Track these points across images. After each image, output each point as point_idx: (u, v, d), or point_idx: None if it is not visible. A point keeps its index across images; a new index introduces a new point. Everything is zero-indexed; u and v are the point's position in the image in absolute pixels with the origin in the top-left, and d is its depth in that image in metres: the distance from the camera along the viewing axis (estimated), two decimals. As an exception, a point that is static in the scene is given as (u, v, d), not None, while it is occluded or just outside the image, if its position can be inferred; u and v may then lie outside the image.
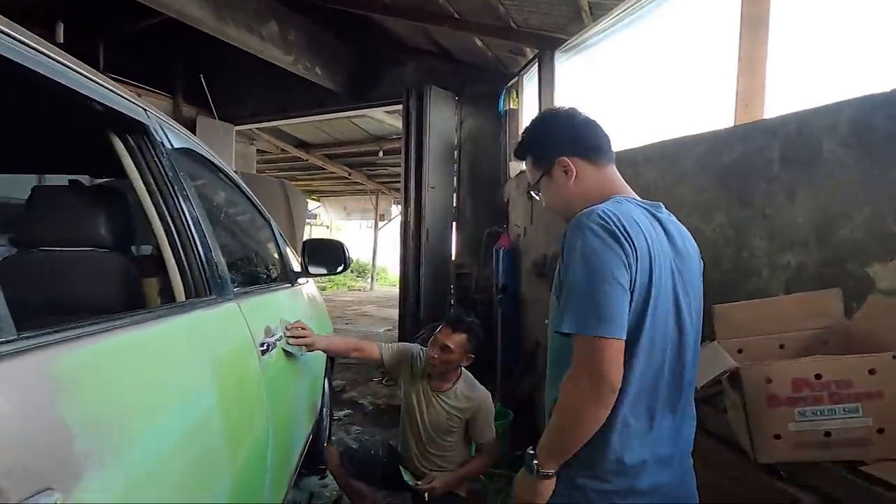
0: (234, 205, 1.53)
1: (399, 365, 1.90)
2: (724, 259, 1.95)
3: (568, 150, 1.03)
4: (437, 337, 1.80)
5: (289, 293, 1.83)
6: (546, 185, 1.06)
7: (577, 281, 0.85)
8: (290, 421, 1.49)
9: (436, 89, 5.20)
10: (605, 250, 0.85)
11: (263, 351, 1.26)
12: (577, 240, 0.87)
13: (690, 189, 2.13)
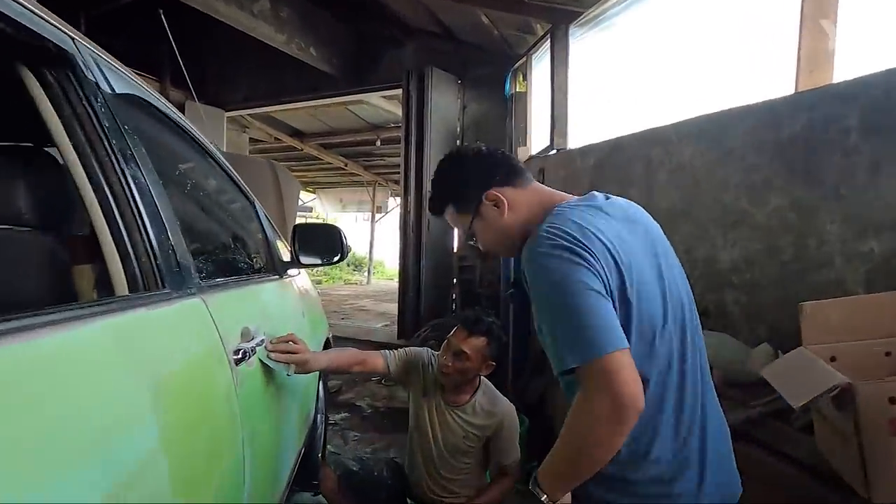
0: (204, 176, 1.24)
1: (408, 375, 1.63)
2: (782, 248, 1.69)
3: (491, 183, 0.96)
4: (451, 341, 1.53)
5: (276, 286, 1.56)
6: (481, 228, 0.99)
7: (555, 311, 0.79)
8: (274, 443, 1.23)
9: (437, 71, 4.91)
10: (567, 266, 0.79)
11: (239, 360, 0.98)
12: (536, 271, 0.81)
13: (737, 168, 1.86)
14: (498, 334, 1.53)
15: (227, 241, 1.31)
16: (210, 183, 1.28)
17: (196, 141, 1.19)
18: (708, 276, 2.00)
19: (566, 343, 0.75)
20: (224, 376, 0.92)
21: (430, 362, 1.62)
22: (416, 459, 1.63)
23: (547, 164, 3.57)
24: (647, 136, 2.41)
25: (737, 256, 1.85)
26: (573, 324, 0.75)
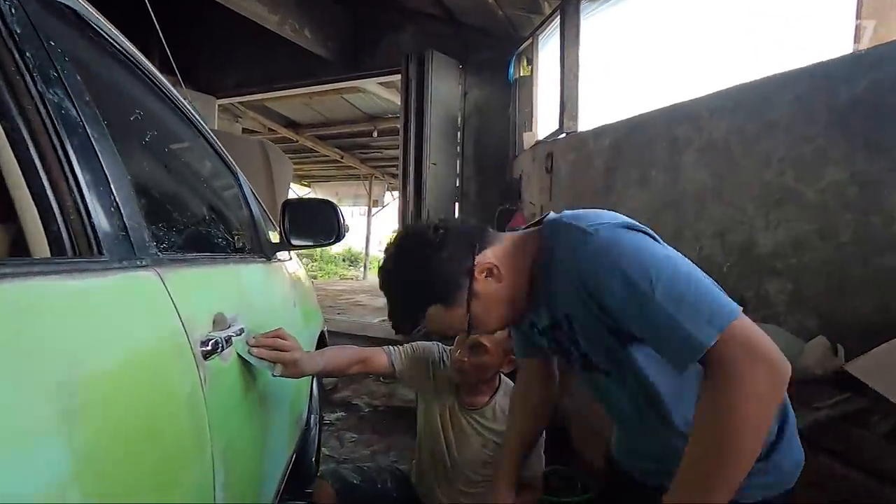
0: (170, 130, 1.02)
1: (416, 374, 1.41)
2: (838, 227, 1.49)
3: (474, 256, 0.82)
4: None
5: (262, 270, 1.35)
6: (482, 309, 0.83)
7: (667, 290, 0.66)
8: (256, 455, 1.02)
9: (438, 55, 4.69)
10: (645, 240, 0.74)
11: (208, 352, 0.78)
12: (611, 253, 0.71)
13: (782, 141, 1.66)
14: None
15: (199, 210, 1.10)
16: (179, 139, 1.07)
17: (160, 88, 0.97)
18: (745, 263, 1.81)
19: (697, 316, 0.64)
20: (185, 373, 0.71)
21: (441, 359, 1.41)
22: (426, 470, 1.42)
23: (555, 148, 3.37)
24: (672, 112, 2.21)
25: (781, 239, 1.66)
26: (695, 293, 0.66)
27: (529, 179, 3.87)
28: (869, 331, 1.39)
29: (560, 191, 3.29)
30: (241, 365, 0.98)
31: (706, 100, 2.00)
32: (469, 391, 1.36)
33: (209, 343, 0.79)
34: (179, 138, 1.05)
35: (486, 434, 1.34)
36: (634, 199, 2.44)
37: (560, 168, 3.28)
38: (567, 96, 3.29)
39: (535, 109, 4.07)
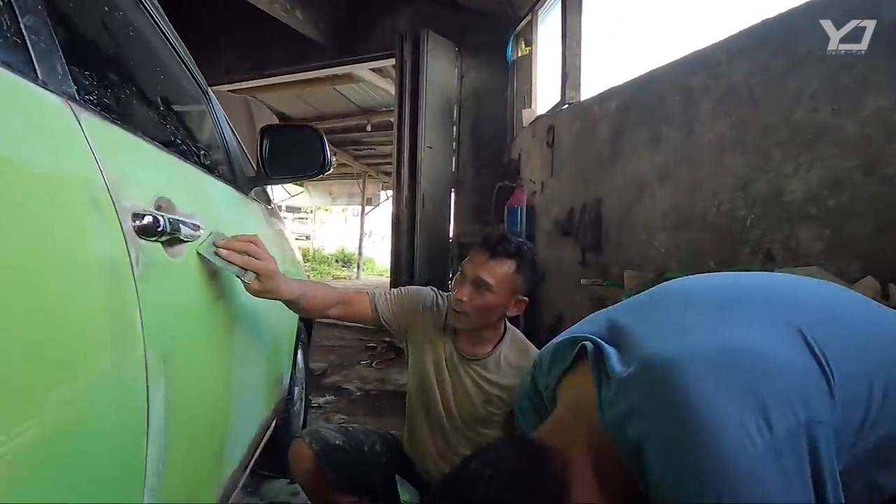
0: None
1: (405, 320, 1.22)
2: (885, 159, 1.34)
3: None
4: (466, 269, 1.12)
5: (234, 194, 1.16)
6: None
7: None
8: (217, 388, 0.83)
9: (434, 35, 4.55)
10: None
11: (143, 229, 0.60)
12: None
13: (816, 74, 1.51)
14: (531, 258, 1.12)
15: (151, 96, 0.92)
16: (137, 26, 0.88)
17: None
18: (771, 213, 1.65)
19: None
20: (104, 239, 0.53)
21: (435, 304, 1.23)
22: (420, 430, 1.23)
23: (557, 120, 3.22)
24: (687, 62, 2.06)
25: (816, 181, 1.50)
26: None
27: (529, 157, 3.72)
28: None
29: (562, 164, 3.14)
30: (202, 272, 0.80)
31: (724, 43, 1.86)
32: (469, 338, 1.18)
33: (144, 217, 0.61)
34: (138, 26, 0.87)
35: (488, 388, 1.16)
36: (644, 161, 2.29)
37: (562, 141, 3.13)
38: (569, 65, 3.15)
39: (534, 86, 3.93)
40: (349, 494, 1.18)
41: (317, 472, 1.15)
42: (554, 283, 3.20)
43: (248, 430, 1.11)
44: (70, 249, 0.48)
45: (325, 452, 1.16)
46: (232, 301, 0.95)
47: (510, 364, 1.17)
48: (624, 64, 3.00)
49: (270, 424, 1.48)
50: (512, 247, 1.10)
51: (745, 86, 1.76)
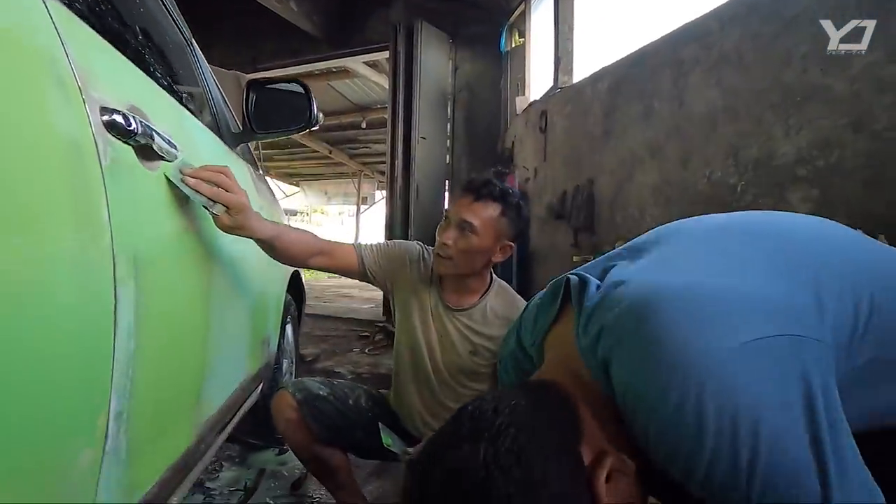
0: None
1: (391, 273, 1.20)
2: (874, 114, 1.33)
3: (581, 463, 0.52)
4: (451, 213, 1.10)
5: (219, 144, 1.15)
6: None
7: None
8: (193, 316, 0.81)
9: (427, 26, 4.55)
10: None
11: (113, 125, 0.58)
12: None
13: (806, 35, 1.52)
14: (516, 203, 1.10)
15: (130, 22, 0.90)
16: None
17: None
18: (762, 178, 1.65)
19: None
20: (69, 123, 0.51)
21: (421, 257, 1.21)
22: (407, 384, 1.21)
23: (549, 105, 3.22)
24: (678, 34, 2.06)
25: (806, 143, 1.50)
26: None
27: (522, 144, 3.72)
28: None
29: (554, 149, 3.13)
30: (182, 195, 0.79)
31: (716, 12, 1.86)
32: (455, 289, 1.16)
33: (114, 114, 0.59)
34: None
35: (474, 339, 1.14)
36: (636, 136, 2.28)
37: (555, 125, 3.13)
38: (562, 50, 3.16)
39: (528, 74, 3.93)
40: (332, 447, 1.16)
41: (300, 422, 1.13)
42: (546, 267, 3.19)
43: (228, 377, 1.09)
44: (27, 116, 0.46)
45: (308, 402, 1.14)
46: (214, 235, 0.93)
47: (497, 315, 1.15)
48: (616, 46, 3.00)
49: (256, 388, 1.45)
50: (497, 190, 1.09)
51: (735, 53, 1.76)
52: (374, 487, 1.56)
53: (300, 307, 2.23)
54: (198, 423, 0.89)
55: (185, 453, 0.82)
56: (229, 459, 1.73)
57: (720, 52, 1.83)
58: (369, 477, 1.63)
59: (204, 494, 1.49)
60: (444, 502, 0.48)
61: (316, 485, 1.55)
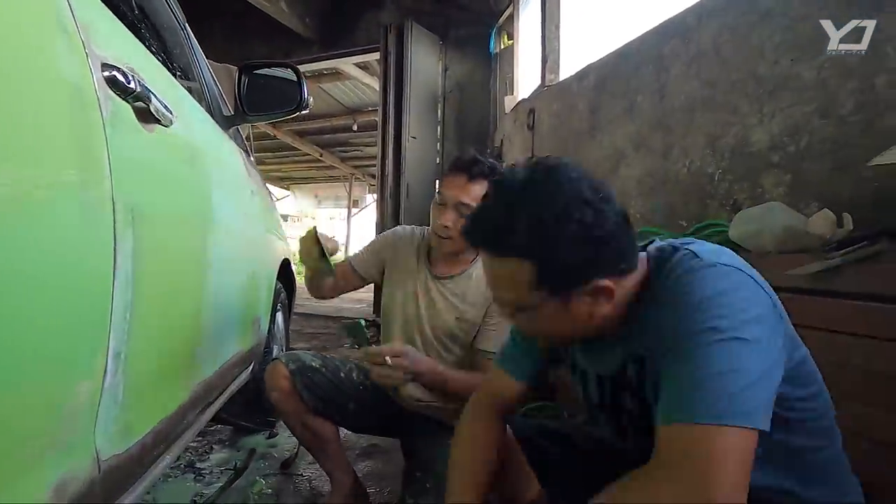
0: None
1: (381, 263, 1.29)
2: (839, 100, 1.40)
3: (607, 272, 0.61)
4: (446, 195, 1.14)
5: (212, 124, 1.18)
6: (543, 317, 0.64)
7: (723, 348, 0.54)
8: (189, 278, 0.85)
9: (417, 27, 4.61)
10: (758, 302, 0.59)
11: (113, 81, 0.62)
12: (716, 288, 0.58)
13: (778, 27, 1.58)
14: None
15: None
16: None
17: None
18: (738, 165, 1.71)
19: (715, 394, 0.52)
20: (72, 68, 0.55)
21: (407, 233, 1.27)
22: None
23: (537, 103, 3.28)
24: (660, 30, 2.13)
25: (777, 130, 1.56)
26: (739, 380, 0.53)
27: (511, 142, 3.77)
28: (878, 198, 1.30)
29: (542, 145, 3.19)
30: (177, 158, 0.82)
31: (695, 7, 1.93)
32: (445, 260, 1.21)
33: (115, 70, 0.63)
34: None
35: (459, 305, 1.18)
36: (620, 131, 2.35)
37: (542, 122, 3.19)
38: (549, 49, 3.22)
39: (516, 74, 4.00)
40: (323, 418, 1.19)
41: (292, 392, 1.16)
42: (535, 261, 3.24)
43: (221, 346, 1.12)
44: (33, 54, 0.49)
45: (301, 372, 1.17)
46: (210, 206, 0.97)
47: (481, 282, 1.19)
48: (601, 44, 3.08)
49: (248, 367, 1.48)
50: (486, 167, 1.14)
51: (713, 46, 1.83)
52: (364, 466, 1.59)
53: (291, 297, 2.26)
54: (192, 384, 0.92)
55: (179, 409, 0.85)
56: (220, 442, 1.75)
57: (698, 46, 1.89)
58: (360, 457, 1.66)
59: (195, 474, 1.50)
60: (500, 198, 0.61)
61: (306, 463, 1.58)
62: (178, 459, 1.58)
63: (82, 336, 0.57)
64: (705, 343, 0.53)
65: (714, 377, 0.51)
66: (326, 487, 1.34)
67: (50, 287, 0.50)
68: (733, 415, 0.50)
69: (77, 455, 0.56)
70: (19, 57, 0.47)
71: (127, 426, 0.68)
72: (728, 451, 0.49)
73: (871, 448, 0.87)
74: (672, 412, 0.53)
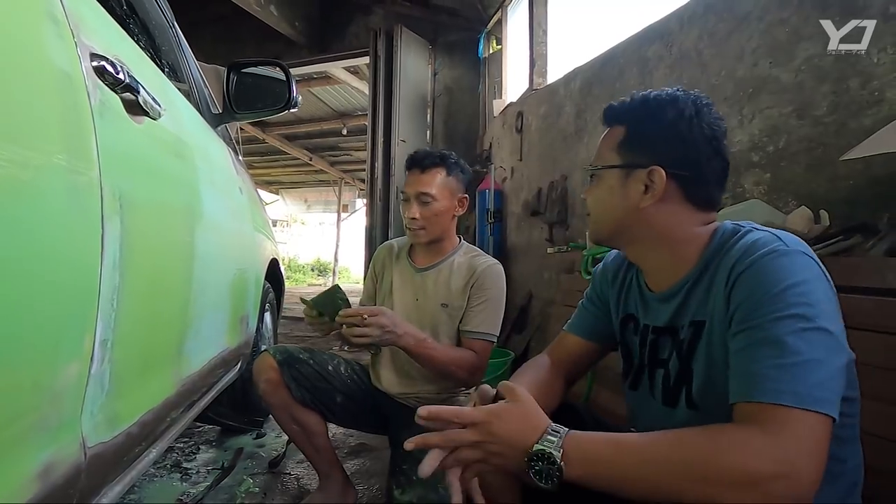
0: None
1: (376, 282, 1.34)
2: (815, 101, 1.44)
3: (672, 165, 0.67)
4: (408, 190, 1.20)
5: (199, 120, 1.19)
6: (599, 192, 0.73)
7: (802, 336, 0.55)
8: (175, 268, 0.85)
9: (407, 32, 4.65)
10: (831, 298, 0.60)
11: (102, 72, 0.63)
12: (793, 275, 0.58)
13: (755, 31, 1.63)
14: (455, 161, 1.22)
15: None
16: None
17: None
18: (720, 165, 1.75)
19: (797, 379, 0.53)
20: (61, 56, 0.56)
21: (392, 245, 1.35)
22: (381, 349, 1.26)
23: (525, 106, 3.32)
24: (643, 34, 2.18)
25: (757, 130, 1.61)
26: (819, 369, 0.54)
27: (500, 145, 3.81)
28: (852, 195, 1.34)
29: (530, 148, 3.23)
30: (166, 151, 0.83)
31: (677, 13, 1.98)
32: (425, 252, 1.25)
33: (104, 61, 0.64)
34: None
35: (443, 291, 1.21)
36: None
37: (530, 125, 3.23)
38: (536, 53, 3.27)
39: (505, 78, 4.04)
40: (310, 410, 1.20)
41: (279, 383, 1.17)
42: (524, 263, 3.27)
43: (209, 342, 1.12)
44: (23, 38, 0.50)
45: (288, 363, 1.18)
46: (198, 200, 0.97)
47: (462, 267, 1.23)
48: (588, 48, 3.13)
49: (236, 365, 1.48)
50: (436, 157, 1.21)
51: (694, 50, 1.87)
52: (353, 464, 1.59)
53: (279, 297, 2.25)
54: (179, 377, 0.92)
55: (165, 402, 0.85)
56: (207, 443, 1.74)
57: (680, 50, 1.94)
58: (349, 455, 1.66)
59: (181, 473, 1.49)
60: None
61: (294, 462, 1.58)
62: (165, 459, 1.56)
63: (69, 318, 0.57)
64: (793, 329, 0.54)
65: (802, 364, 0.53)
66: (314, 485, 1.34)
67: (37, 268, 0.51)
68: (816, 401, 0.51)
69: (63, 439, 0.56)
70: (7, 43, 0.48)
71: (113, 415, 0.68)
72: (811, 434, 0.50)
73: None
74: (756, 391, 0.54)
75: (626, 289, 0.80)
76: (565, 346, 0.87)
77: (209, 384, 1.19)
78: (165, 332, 0.86)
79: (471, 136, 4.83)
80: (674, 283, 0.69)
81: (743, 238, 0.63)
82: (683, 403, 0.68)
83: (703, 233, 0.68)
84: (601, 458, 0.55)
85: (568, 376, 0.86)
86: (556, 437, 0.56)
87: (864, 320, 0.93)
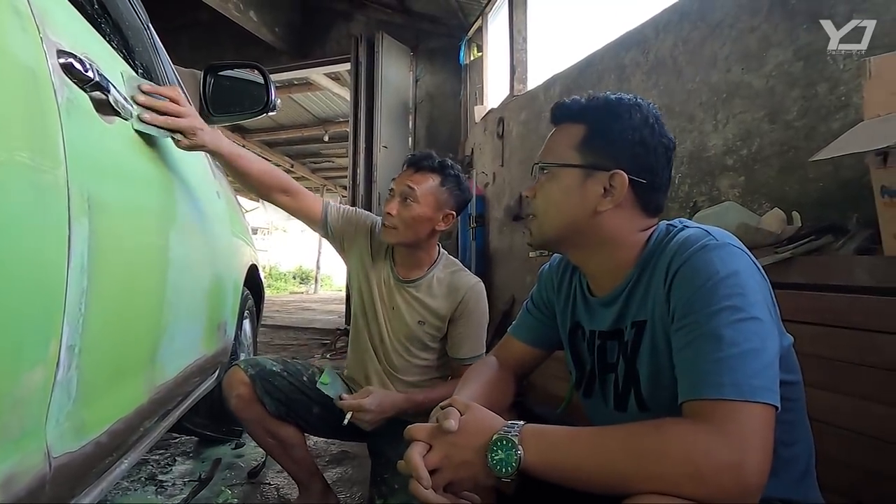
0: None
1: (347, 234, 1.24)
2: (786, 106, 1.49)
3: (632, 170, 0.67)
4: (394, 185, 1.15)
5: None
6: (553, 190, 0.70)
7: (737, 328, 0.57)
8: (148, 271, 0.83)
9: (388, 38, 4.66)
10: (763, 287, 0.61)
11: (69, 68, 0.61)
12: (725, 269, 0.59)
13: (727, 38, 1.67)
14: (455, 174, 1.17)
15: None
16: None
17: None
18: (696, 169, 1.79)
19: (738, 372, 0.54)
20: (26, 52, 0.54)
21: (376, 226, 1.26)
22: (360, 352, 1.23)
23: (506, 112, 3.35)
24: (620, 42, 2.22)
25: (731, 135, 1.64)
26: (757, 359, 0.55)
27: (482, 151, 3.83)
28: (823, 197, 1.37)
29: (511, 153, 3.26)
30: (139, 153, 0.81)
31: (653, 20, 2.02)
32: (405, 262, 1.21)
33: (71, 58, 0.62)
34: None
35: (420, 309, 1.18)
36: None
37: (511, 131, 3.26)
38: (516, 60, 3.31)
39: (485, 84, 4.07)
40: (286, 423, 1.17)
41: (252, 398, 1.13)
42: (506, 268, 3.28)
43: (183, 349, 1.09)
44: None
45: (261, 377, 1.14)
46: (172, 201, 0.95)
47: (442, 285, 1.20)
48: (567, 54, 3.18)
49: (212, 374, 1.45)
50: (436, 162, 1.16)
51: (670, 58, 1.91)
52: (334, 473, 1.56)
53: (259, 304, 2.22)
54: (151, 385, 0.90)
55: (137, 410, 0.83)
56: (183, 454, 1.69)
57: (656, 57, 1.98)
58: (330, 464, 1.63)
59: (156, 486, 1.45)
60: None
61: (273, 472, 1.54)
62: (139, 471, 1.52)
63: (33, 321, 0.55)
64: (729, 321, 0.55)
65: (739, 356, 0.53)
66: (295, 495, 1.31)
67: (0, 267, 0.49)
68: (755, 391, 0.52)
69: (26, 448, 0.54)
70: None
71: (81, 423, 0.65)
72: (755, 426, 0.51)
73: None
74: (699, 387, 0.54)
75: (571, 297, 0.80)
76: (511, 350, 0.88)
77: (185, 393, 1.16)
78: (137, 338, 0.84)
79: (453, 141, 4.85)
80: (615, 287, 0.70)
81: (676, 236, 0.65)
82: (634, 406, 0.68)
83: (644, 236, 0.69)
84: (558, 446, 0.56)
85: (516, 375, 0.87)
86: (514, 426, 0.58)
87: (835, 317, 0.95)
